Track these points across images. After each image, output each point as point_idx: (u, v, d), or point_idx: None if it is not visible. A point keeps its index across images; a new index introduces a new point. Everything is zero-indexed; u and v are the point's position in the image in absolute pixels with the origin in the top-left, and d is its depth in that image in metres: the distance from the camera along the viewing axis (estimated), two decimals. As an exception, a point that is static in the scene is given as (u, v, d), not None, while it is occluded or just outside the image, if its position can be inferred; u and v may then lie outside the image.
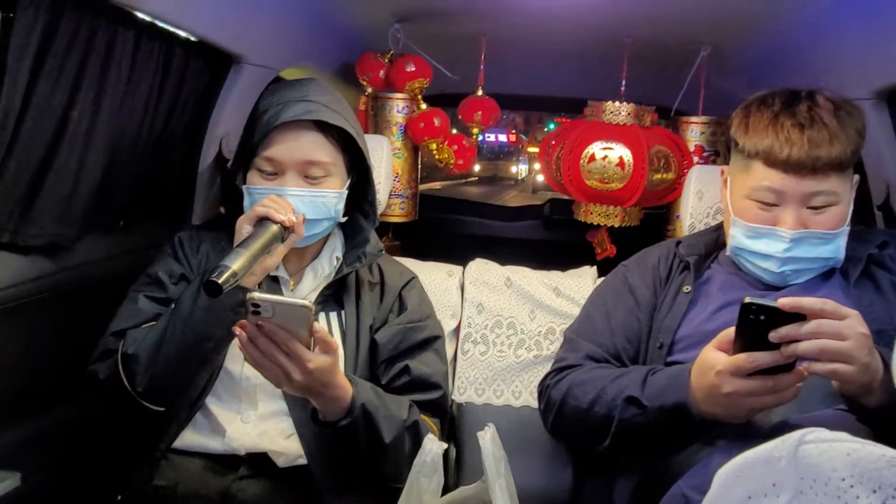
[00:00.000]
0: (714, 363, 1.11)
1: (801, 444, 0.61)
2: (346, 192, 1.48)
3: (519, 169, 24.83)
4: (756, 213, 1.35)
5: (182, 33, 1.49)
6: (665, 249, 1.55)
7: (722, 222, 1.53)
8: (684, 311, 1.41)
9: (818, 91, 1.35)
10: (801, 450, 0.61)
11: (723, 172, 1.48)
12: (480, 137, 2.37)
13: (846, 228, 1.34)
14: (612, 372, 1.36)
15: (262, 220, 1.31)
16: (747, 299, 1.05)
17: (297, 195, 1.39)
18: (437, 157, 2.17)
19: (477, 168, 24.09)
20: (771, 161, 1.31)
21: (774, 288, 1.39)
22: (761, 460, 0.64)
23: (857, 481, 0.56)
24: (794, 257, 1.32)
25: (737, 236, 1.38)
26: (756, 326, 1.05)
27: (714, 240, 1.53)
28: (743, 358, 1.07)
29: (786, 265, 1.33)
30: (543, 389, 1.47)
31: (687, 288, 1.43)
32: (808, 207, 1.31)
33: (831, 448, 0.59)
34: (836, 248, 1.33)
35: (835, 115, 1.30)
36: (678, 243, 1.54)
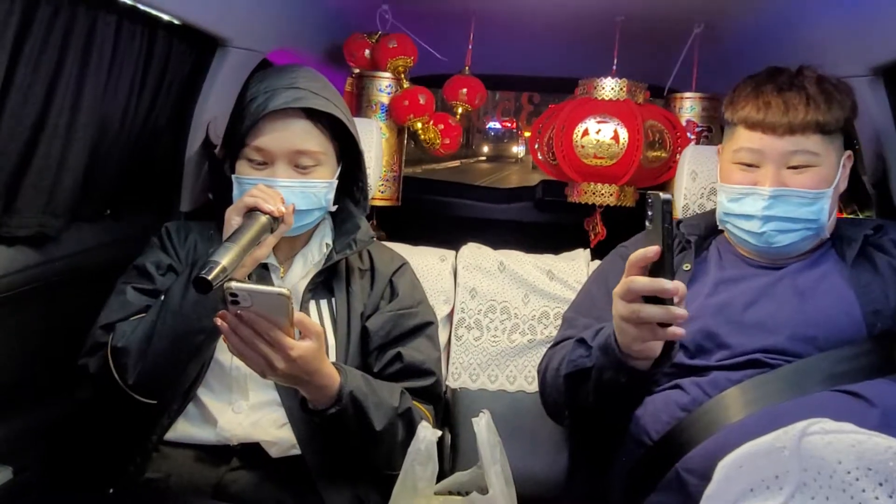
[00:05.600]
0: None
1: (804, 435, 0.60)
2: (336, 182, 1.46)
3: (518, 150, 29.05)
4: (738, 175, 1.37)
5: (165, 16, 1.46)
6: None
7: None
8: None
9: (807, 67, 1.38)
10: (804, 441, 0.60)
11: (719, 151, 1.50)
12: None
13: (829, 191, 1.33)
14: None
15: (252, 211, 1.29)
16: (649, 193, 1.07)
17: (287, 186, 1.37)
18: (422, 136, 2.11)
19: (486, 149, 29.89)
20: (750, 124, 1.35)
21: (771, 265, 1.39)
22: (763, 451, 0.63)
23: (862, 474, 0.55)
24: (775, 216, 1.33)
25: (722, 202, 1.41)
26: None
27: (714, 221, 1.52)
28: (635, 253, 1.08)
29: (767, 224, 1.34)
30: (539, 369, 1.47)
31: (687, 266, 1.43)
32: (789, 168, 1.33)
33: (836, 439, 0.58)
34: (818, 210, 1.33)
35: (817, 83, 1.34)
36: (679, 223, 1.54)
